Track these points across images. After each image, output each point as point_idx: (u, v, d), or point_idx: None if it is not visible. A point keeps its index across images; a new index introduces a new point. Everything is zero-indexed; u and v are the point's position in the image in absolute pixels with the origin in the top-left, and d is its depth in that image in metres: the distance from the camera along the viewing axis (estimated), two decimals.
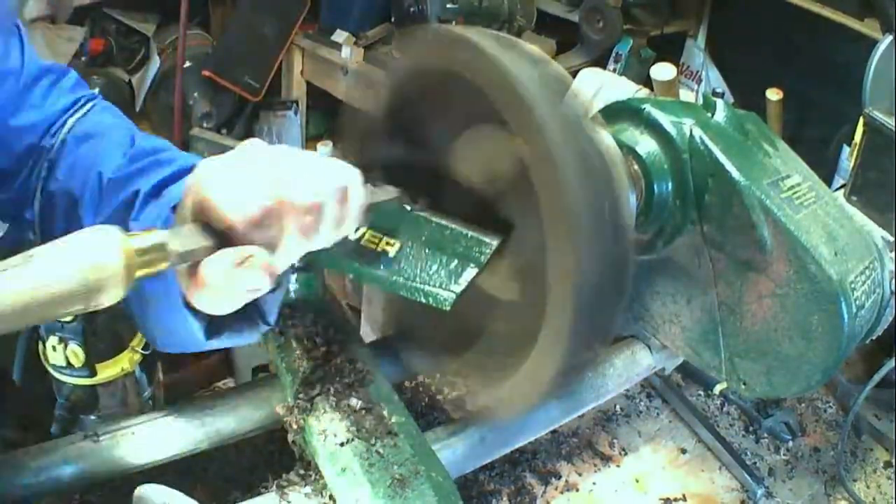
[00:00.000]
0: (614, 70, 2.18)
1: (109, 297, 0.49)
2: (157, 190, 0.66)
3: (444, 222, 0.67)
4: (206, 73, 2.23)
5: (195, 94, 2.28)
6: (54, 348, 1.47)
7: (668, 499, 1.00)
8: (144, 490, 0.62)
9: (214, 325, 0.62)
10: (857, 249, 0.75)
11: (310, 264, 0.79)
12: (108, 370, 1.57)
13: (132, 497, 0.63)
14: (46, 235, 0.73)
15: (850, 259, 0.73)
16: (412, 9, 2.12)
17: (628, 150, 0.74)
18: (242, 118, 2.43)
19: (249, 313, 0.62)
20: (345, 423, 0.66)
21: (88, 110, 0.76)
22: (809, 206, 0.74)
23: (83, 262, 0.47)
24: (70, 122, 0.74)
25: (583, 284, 0.58)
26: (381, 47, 2.16)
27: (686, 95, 1.08)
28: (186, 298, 0.59)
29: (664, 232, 0.78)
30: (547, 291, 0.61)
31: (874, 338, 0.84)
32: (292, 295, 0.81)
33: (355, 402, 0.68)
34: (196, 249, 0.52)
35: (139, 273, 0.49)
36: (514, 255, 0.70)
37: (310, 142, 2.50)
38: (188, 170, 0.67)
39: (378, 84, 0.71)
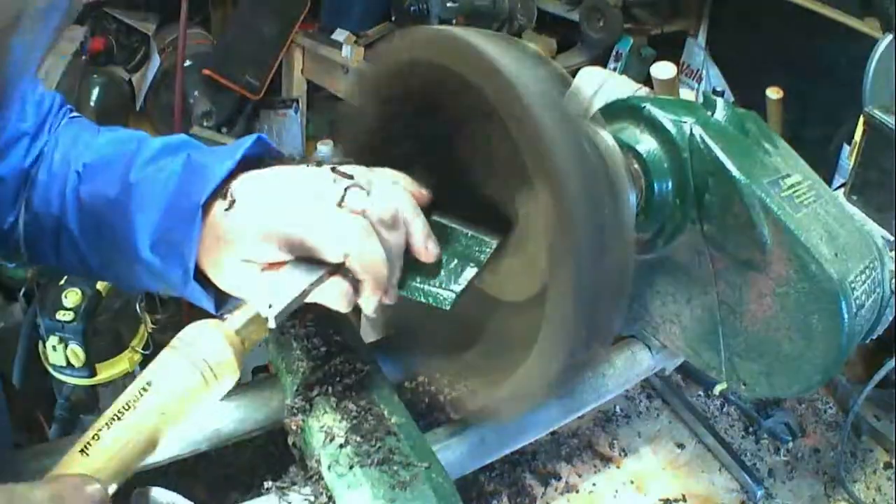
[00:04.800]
0: (614, 69, 2.18)
1: (230, 382, 0.53)
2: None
3: (444, 222, 0.67)
4: (206, 71, 2.23)
5: (195, 93, 2.28)
6: (54, 348, 1.48)
7: (667, 499, 0.99)
8: (144, 494, 0.63)
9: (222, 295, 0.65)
10: (857, 249, 0.75)
11: None
12: (109, 370, 1.58)
13: (132, 497, 0.62)
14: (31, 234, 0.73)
15: (850, 259, 0.73)
16: (413, 7, 2.12)
17: (628, 149, 0.74)
18: (243, 117, 2.43)
19: None
20: (345, 423, 0.66)
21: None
22: (809, 206, 0.74)
23: (198, 368, 0.50)
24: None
25: (582, 285, 0.57)
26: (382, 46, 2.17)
27: (686, 94, 1.08)
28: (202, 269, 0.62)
29: (664, 231, 0.78)
30: (547, 291, 0.60)
31: (874, 338, 0.84)
32: None
33: (355, 403, 0.68)
34: (293, 303, 0.56)
35: (247, 349, 0.53)
36: (514, 254, 0.70)
37: (310, 140, 2.50)
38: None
39: (377, 83, 0.71)
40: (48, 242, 0.71)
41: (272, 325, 0.54)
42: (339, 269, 0.59)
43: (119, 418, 0.48)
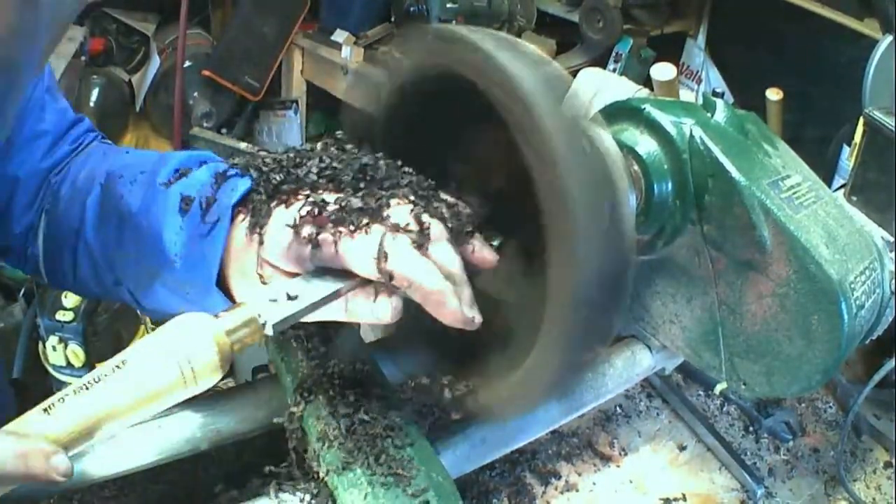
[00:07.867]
0: (614, 70, 2.18)
1: (210, 382, 0.50)
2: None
3: None
4: (206, 72, 2.23)
5: (195, 94, 2.29)
6: (54, 348, 1.48)
7: (667, 499, 1.00)
8: None
9: None
10: (857, 249, 0.75)
11: None
12: None
13: (131, 497, 0.63)
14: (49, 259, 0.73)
15: (850, 259, 0.73)
16: (412, 8, 2.12)
17: (628, 151, 0.74)
18: (242, 118, 2.44)
19: None
20: (344, 423, 0.66)
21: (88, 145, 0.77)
22: (809, 206, 0.74)
23: (177, 361, 0.47)
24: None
25: (583, 286, 0.58)
26: (381, 47, 2.17)
27: (686, 95, 1.08)
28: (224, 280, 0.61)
29: (664, 232, 0.78)
30: (547, 292, 0.61)
31: (874, 338, 0.84)
32: None
33: (355, 403, 0.68)
34: (297, 314, 0.54)
35: (236, 352, 0.50)
36: (514, 255, 0.70)
37: (309, 141, 2.51)
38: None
39: (378, 84, 0.71)
40: (66, 260, 0.71)
41: (269, 332, 0.52)
42: (367, 283, 0.57)
43: (87, 388, 0.46)
